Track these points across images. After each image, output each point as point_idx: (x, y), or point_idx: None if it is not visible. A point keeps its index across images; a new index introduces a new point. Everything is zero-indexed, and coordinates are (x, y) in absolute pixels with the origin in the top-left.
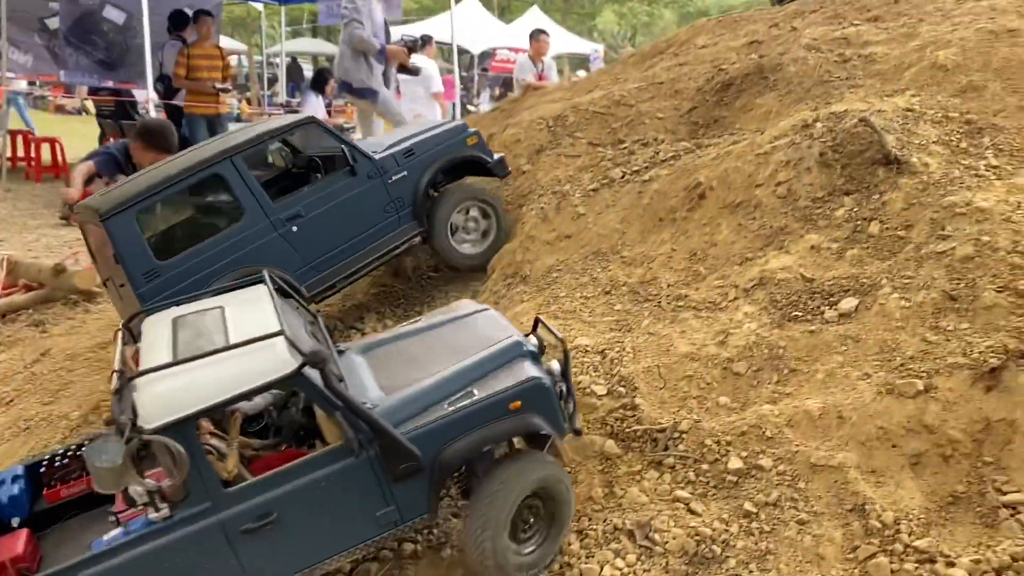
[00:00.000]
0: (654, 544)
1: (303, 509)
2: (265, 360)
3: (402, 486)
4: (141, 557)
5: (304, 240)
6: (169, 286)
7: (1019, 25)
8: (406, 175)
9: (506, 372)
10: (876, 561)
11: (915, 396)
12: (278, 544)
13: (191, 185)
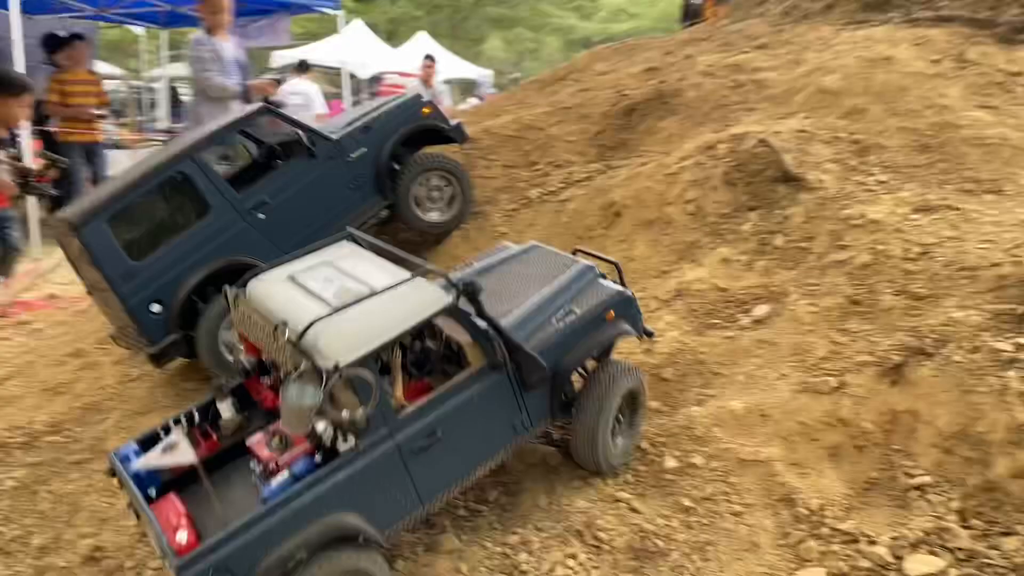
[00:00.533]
0: (601, 543)
1: (460, 424)
2: (423, 296)
3: (531, 395)
4: (331, 487)
5: (273, 226)
6: (148, 285)
7: (893, 53)
8: (365, 151)
9: (590, 290)
10: (806, 545)
11: (829, 393)
12: (442, 458)
13: (157, 186)
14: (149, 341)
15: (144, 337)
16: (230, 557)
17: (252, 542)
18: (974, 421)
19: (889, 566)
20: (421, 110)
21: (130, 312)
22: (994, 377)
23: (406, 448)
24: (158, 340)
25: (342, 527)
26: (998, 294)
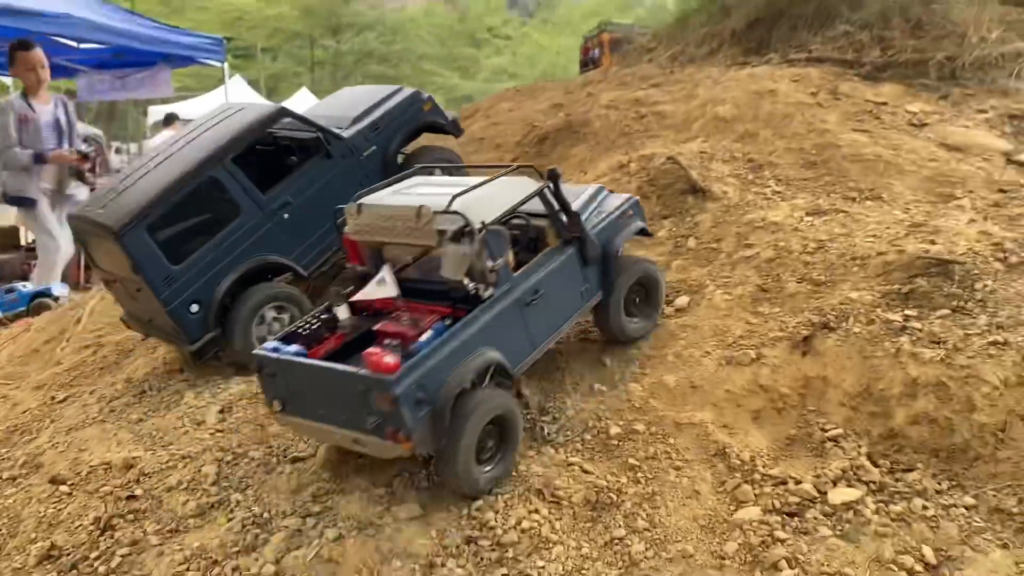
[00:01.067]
0: (560, 499)
1: (551, 286)
2: (522, 182)
3: (588, 269)
4: (478, 328)
5: (296, 225)
6: (186, 288)
7: (776, 87)
8: (375, 148)
9: (607, 199)
10: (741, 489)
11: (749, 364)
12: (543, 311)
13: (191, 192)
14: (189, 340)
15: (185, 336)
16: (422, 377)
17: (434, 368)
18: (875, 381)
19: (815, 499)
20: (423, 106)
21: (172, 314)
22: (889, 342)
23: (521, 301)
24: (198, 338)
25: (491, 359)
26: (885, 278)
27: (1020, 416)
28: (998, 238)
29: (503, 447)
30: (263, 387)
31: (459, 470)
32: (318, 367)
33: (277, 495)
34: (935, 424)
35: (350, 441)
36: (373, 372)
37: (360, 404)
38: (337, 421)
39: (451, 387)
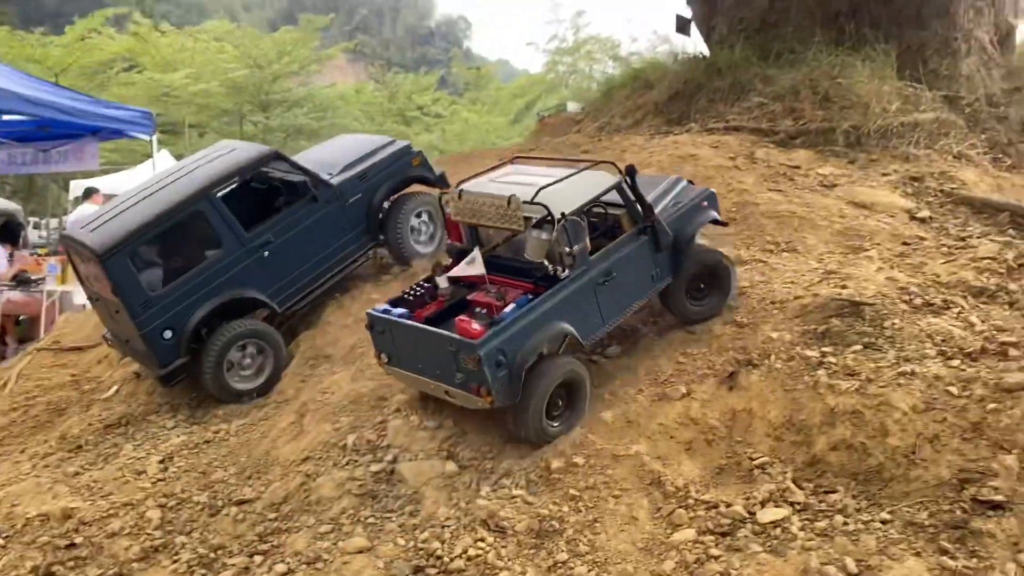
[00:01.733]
0: (504, 529)
1: (623, 270)
2: (602, 176)
3: (660, 255)
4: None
5: (275, 263)
6: (161, 314)
7: (697, 152)
8: (361, 196)
9: (684, 190)
10: (676, 513)
11: (680, 399)
12: (614, 292)
13: (176, 223)
14: (160, 364)
15: (155, 360)
16: (503, 343)
17: (514, 335)
18: (796, 412)
19: (745, 520)
20: (412, 160)
21: (145, 338)
22: (808, 376)
23: (595, 281)
24: (168, 363)
25: (564, 330)
26: (803, 319)
27: (928, 439)
28: (903, 283)
29: (571, 406)
30: (373, 342)
31: (530, 423)
32: (419, 328)
33: (223, 536)
34: (852, 449)
35: (442, 392)
36: (462, 336)
37: (451, 362)
38: (432, 375)
39: (527, 352)
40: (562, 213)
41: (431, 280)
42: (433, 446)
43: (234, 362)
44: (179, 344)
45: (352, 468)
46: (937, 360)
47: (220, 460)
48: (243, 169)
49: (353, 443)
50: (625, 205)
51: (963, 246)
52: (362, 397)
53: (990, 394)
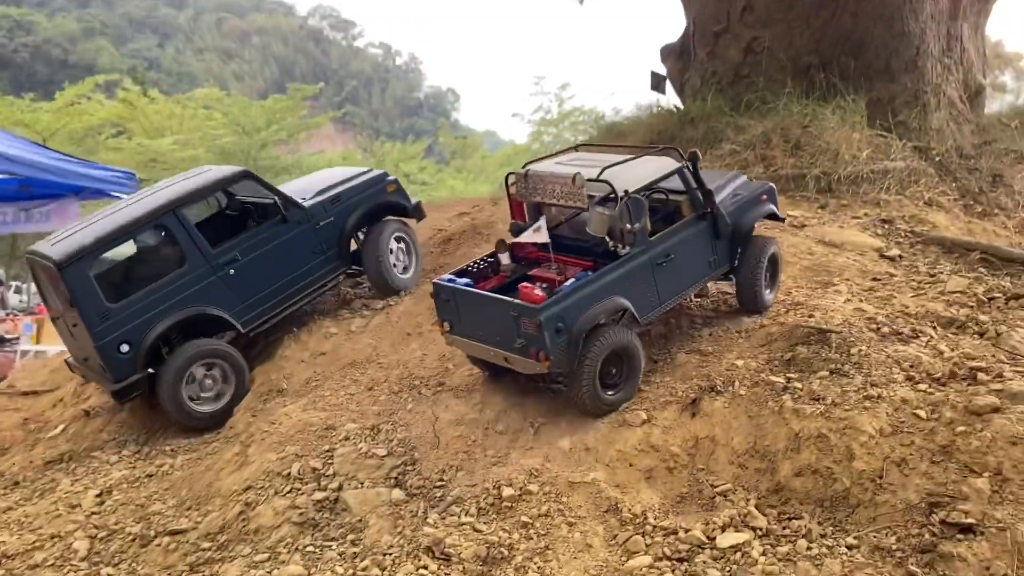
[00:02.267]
0: (450, 556)
1: (682, 253)
2: (664, 160)
3: (719, 243)
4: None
5: (241, 281)
6: (120, 327)
7: None
8: (333, 221)
9: (745, 184)
10: (633, 540)
11: (640, 425)
12: (672, 273)
13: (139, 235)
14: (114, 378)
15: (110, 374)
16: (562, 311)
17: (573, 304)
18: (761, 438)
19: (704, 544)
20: (387, 187)
21: (99, 350)
22: (772, 402)
23: (653, 261)
24: (123, 378)
25: (621, 304)
26: (769, 347)
27: (895, 462)
28: (871, 314)
29: (627, 377)
30: (437, 310)
31: (584, 390)
32: (482, 296)
33: (151, 567)
34: (818, 474)
35: (502, 358)
36: (524, 302)
37: (512, 328)
38: (492, 342)
39: (585, 321)
40: (625, 191)
41: (494, 256)
42: (381, 474)
43: (195, 380)
44: (136, 359)
45: (294, 496)
46: (905, 385)
47: (160, 494)
48: (212, 187)
49: (298, 471)
50: (686, 191)
51: (933, 281)
52: (310, 427)
53: (959, 417)
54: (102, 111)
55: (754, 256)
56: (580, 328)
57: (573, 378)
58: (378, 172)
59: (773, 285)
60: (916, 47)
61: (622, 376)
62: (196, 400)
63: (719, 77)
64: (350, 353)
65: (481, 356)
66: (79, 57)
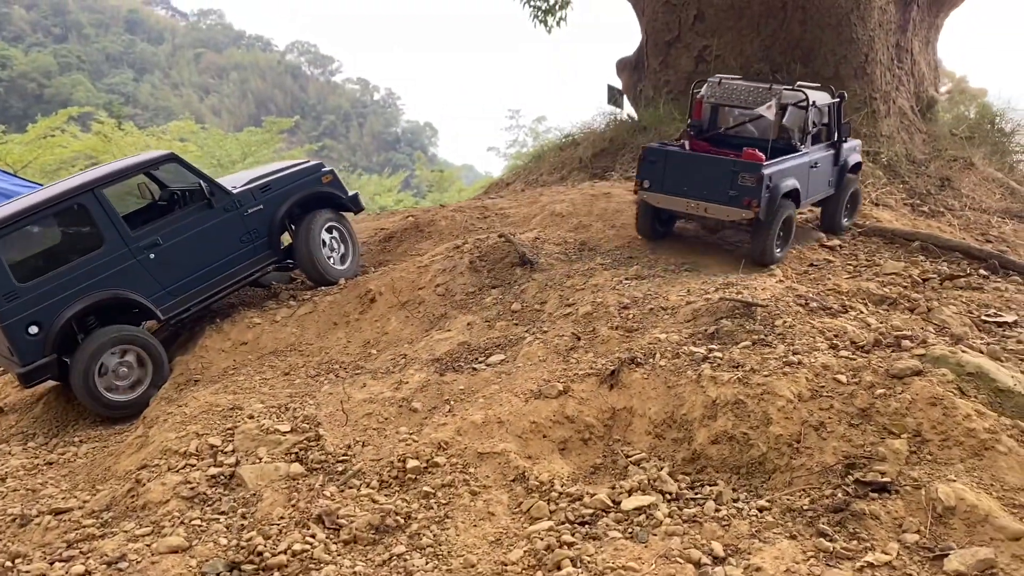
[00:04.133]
0: (341, 526)
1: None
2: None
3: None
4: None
5: (161, 266)
6: (28, 307)
7: (611, 191)
8: (262, 208)
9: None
10: (537, 504)
11: (557, 396)
12: (817, 178)
13: (55, 214)
14: (21, 361)
15: (16, 356)
16: (772, 174)
17: (778, 172)
18: (679, 407)
19: (609, 509)
20: (322, 178)
21: (5, 330)
22: (691, 370)
23: (808, 164)
24: (30, 361)
25: (795, 186)
26: (694, 322)
27: (813, 426)
28: (802, 291)
29: (785, 240)
30: (639, 172)
31: (767, 242)
32: (699, 156)
33: (27, 545)
34: (734, 441)
35: (702, 209)
36: (747, 160)
37: (724, 182)
38: (697, 195)
39: (785, 187)
40: (813, 101)
41: (680, 139)
42: (281, 450)
43: (109, 369)
44: (45, 341)
45: (187, 472)
46: (827, 352)
47: (57, 480)
48: (135, 167)
49: (195, 448)
50: (828, 124)
51: (870, 265)
52: (216, 407)
53: (880, 380)
54: (75, 144)
55: (847, 188)
56: (778, 191)
57: (761, 230)
58: (313, 163)
59: (851, 215)
60: (864, 54)
61: (783, 242)
62: (112, 389)
63: (671, 86)
64: (271, 342)
65: (677, 208)
66: (55, 91)
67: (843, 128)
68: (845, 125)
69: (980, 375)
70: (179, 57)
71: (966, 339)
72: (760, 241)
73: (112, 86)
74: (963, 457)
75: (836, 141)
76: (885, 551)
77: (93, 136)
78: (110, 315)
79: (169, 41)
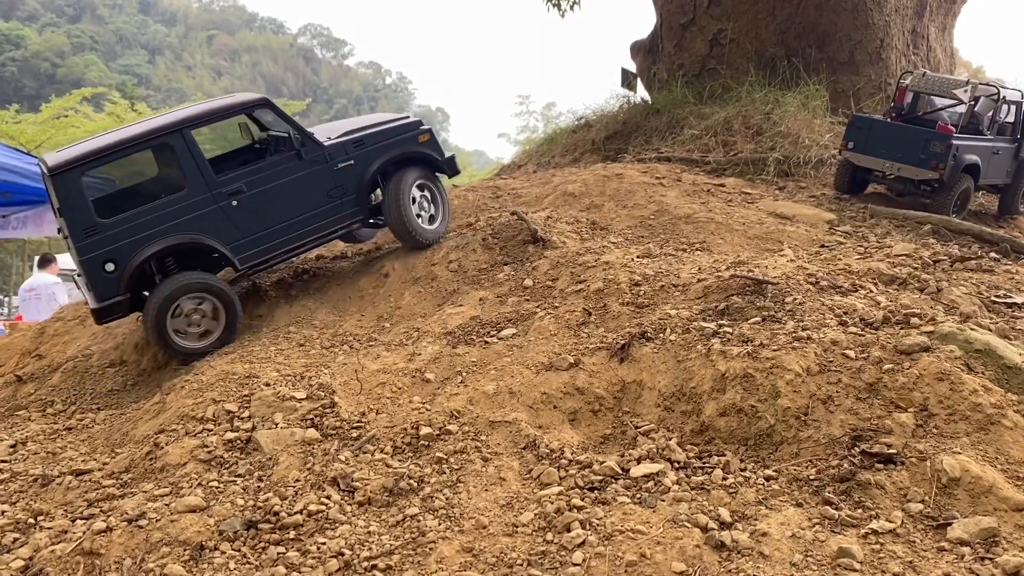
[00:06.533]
0: (355, 488)
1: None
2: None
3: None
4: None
5: (243, 215)
6: (106, 244)
7: (624, 172)
8: (353, 164)
9: None
10: (547, 471)
11: (567, 368)
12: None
13: (140, 151)
14: (96, 297)
15: (92, 291)
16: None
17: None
18: (688, 380)
19: (618, 476)
20: (419, 136)
21: (84, 265)
22: (701, 345)
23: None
24: (105, 297)
25: (975, 161)
26: (705, 299)
27: (821, 399)
28: (812, 270)
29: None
30: (845, 136)
31: (949, 200)
32: (899, 126)
33: (49, 504)
34: (742, 413)
35: (896, 168)
36: (939, 131)
37: (917, 147)
38: (893, 157)
39: (968, 159)
40: (1004, 96)
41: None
42: (297, 416)
43: (183, 313)
44: (120, 280)
45: (204, 436)
46: (836, 329)
47: (77, 444)
48: (227, 109)
49: (212, 414)
50: (1014, 122)
51: (880, 247)
52: (232, 375)
53: (888, 356)
54: (89, 124)
55: (1022, 177)
56: (961, 161)
57: (944, 191)
58: (412, 119)
59: None
60: (880, 39)
61: (959, 209)
62: (180, 333)
63: (686, 69)
64: (286, 316)
65: (873, 167)
66: (68, 71)
67: None
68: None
69: (988, 352)
70: (192, 39)
71: (975, 318)
72: (940, 201)
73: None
74: (969, 431)
75: (1019, 137)
76: (889, 519)
77: (106, 116)
78: (189, 260)
79: (182, 22)
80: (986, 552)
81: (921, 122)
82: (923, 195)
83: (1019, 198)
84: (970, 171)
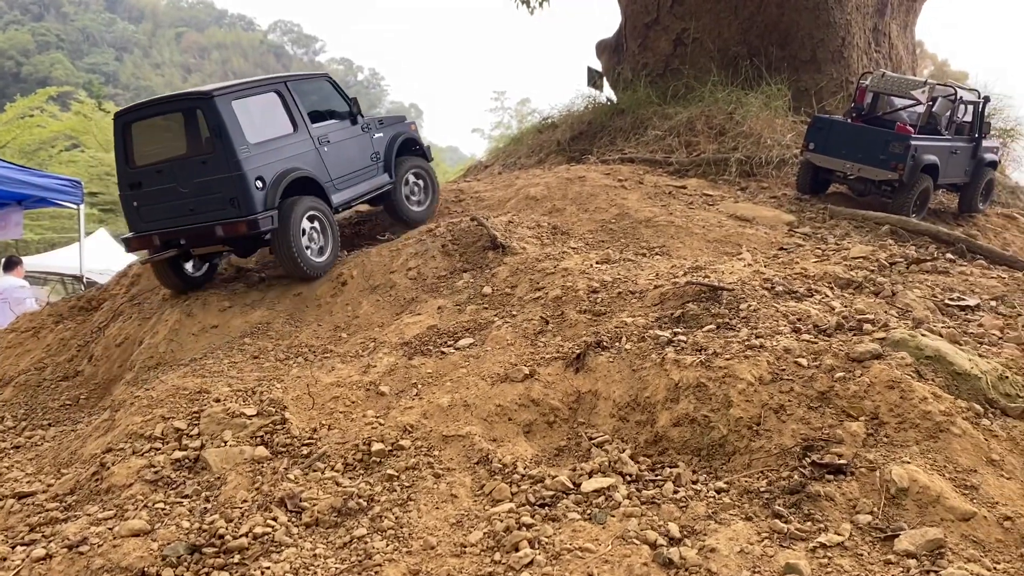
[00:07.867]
0: (303, 509)
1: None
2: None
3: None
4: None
5: (331, 159)
6: (256, 162)
7: (586, 175)
8: (382, 136)
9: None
10: (499, 487)
11: (523, 380)
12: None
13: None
14: (248, 210)
15: (244, 205)
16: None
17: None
18: (642, 390)
19: (569, 491)
20: (411, 126)
21: (240, 180)
22: (656, 354)
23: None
24: (255, 211)
25: (934, 161)
26: (661, 306)
27: (773, 409)
28: (769, 275)
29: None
30: (806, 137)
31: (908, 200)
32: (857, 126)
33: None
34: (695, 423)
35: (856, 169)
36: (898, 132)
37: (877, 148)
38: (852, 158)
39: (925, 160)
40: (960, 96)
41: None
42: (247, 433)
43: (305, 232)
44: (267, 196)
45: (152, 456)
46: (790, 336)
47: (23, 464)
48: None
49: (160, 432)
50: (971, 121)
51: (838, 249)
52: (183, 391)
53: (840, 364)
54: (55, 124)
55: (982, 177)
56: (920, 161)
57: (904, 191)
58: (402, 115)
59: (986, 199)
60: (842, 38)
61: (918, 209)
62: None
63: (650, 69)
64: (242, 326)
65: (834, 167)
66: (33, 70)
67: (983, 127)
68: (986, 124)
69: (938, 358)
70: (160, 36)
71: (927, 323)
72: (900, 201)
73: (92, 65)
74: (918, 439)
75: (976, 136)
76: (838, 532)
77: (73, 116)
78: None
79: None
80: (932, 564)
81: (881, 122)
82: (884, 195)
83: (978, 196)
84: (929, 171)
